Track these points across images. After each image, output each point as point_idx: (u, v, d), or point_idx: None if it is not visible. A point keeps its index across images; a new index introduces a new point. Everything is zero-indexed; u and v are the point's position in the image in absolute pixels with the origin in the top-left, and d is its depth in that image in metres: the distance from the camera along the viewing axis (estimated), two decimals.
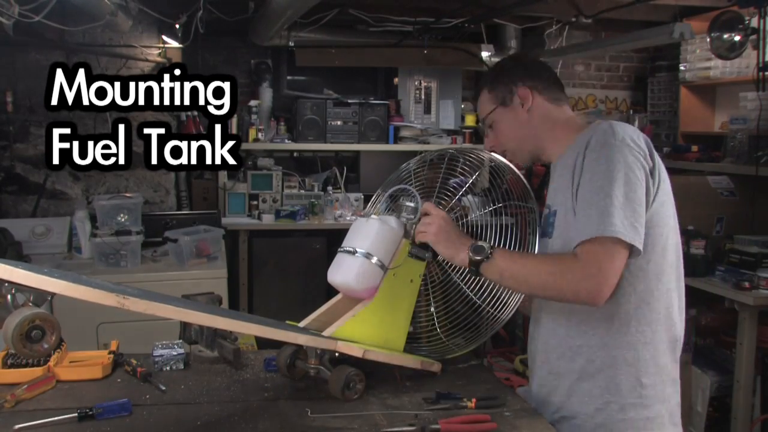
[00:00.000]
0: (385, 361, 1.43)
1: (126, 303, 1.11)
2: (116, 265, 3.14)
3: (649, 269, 1.35)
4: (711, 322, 3.30)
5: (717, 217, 3.28)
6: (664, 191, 1.37)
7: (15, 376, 1.42)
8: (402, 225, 1.47)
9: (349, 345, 1.37)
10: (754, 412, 2.92)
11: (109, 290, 1.12)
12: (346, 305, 1.49)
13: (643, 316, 1.36)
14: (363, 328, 1.42)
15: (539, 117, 1.50)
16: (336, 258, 1.48)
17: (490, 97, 1.53)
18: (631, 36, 3.63)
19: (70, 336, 1.66)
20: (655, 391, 1.38)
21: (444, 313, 1.55)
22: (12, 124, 3.70)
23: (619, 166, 1.28)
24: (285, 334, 1.33)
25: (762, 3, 2.96)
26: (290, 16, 3.17)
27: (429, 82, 4.74)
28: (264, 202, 4.32)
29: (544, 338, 1.46)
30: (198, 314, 1.24)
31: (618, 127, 1.34)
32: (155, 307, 1.15)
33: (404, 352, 1.49)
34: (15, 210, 3.76)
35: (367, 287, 1.43)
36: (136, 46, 3.85)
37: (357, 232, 1.47)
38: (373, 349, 1.40)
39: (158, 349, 1.57)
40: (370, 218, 1.46)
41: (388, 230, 1.44)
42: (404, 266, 1.47)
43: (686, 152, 3.73)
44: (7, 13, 2.12)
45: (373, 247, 1.42)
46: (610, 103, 4.69)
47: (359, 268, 1.42)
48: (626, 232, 1.25)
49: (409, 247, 1.47)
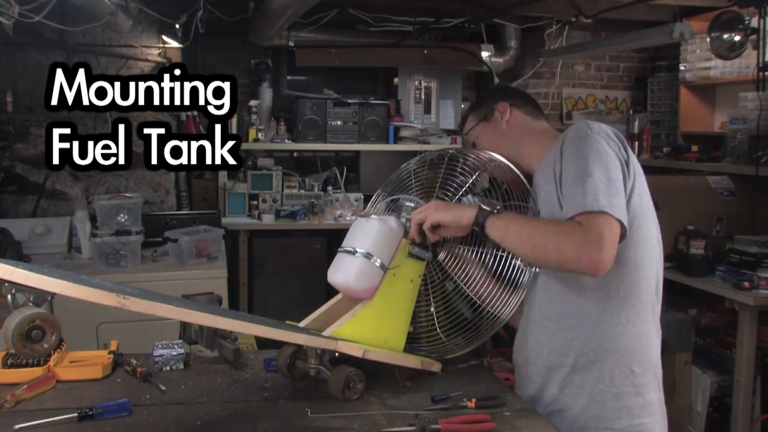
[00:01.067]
0: (385, 361, 1.42)
1: (126, 303, 1.11)
2: (116, 265, 3.14)
3: (637, 260, 1.38)
4: (711, 322, 3.30)
5: (717, 217, 3.28)
6: (641, 184, 1.40)
7: (15, 376, 1.42)
8: (402, 225, 1.48)
9: (349, 345, 1.37)
10: (754, 412, 2.92)
11: (109, 290, 1.12)
12: (346, 305, 1.49)
13: (633, 306, 1.39)
14: (363, 329, 1.42)
15: (517, 127, 1.59)
16: (336, 258, 1.48)
17: (474, 117, 1.66)
18: (631, 36, 3.63)
19: (70, 336, 1.66)
20: (647, 378, 1.41)
21: (444, 313, 1.54)
22: (12, 124, 3.70)
23: (597, 153, 1.33)
24: (285, 334, 1.33)
25: (762, 3, 2.96)
26: (290, 16, 3.17)
27: (429, 82, 4.74)
28: (264, 202, 4.32)
29: (535, 335, 1.47)
30: (198, 314, 1.24)
31: (592, 122, 1.40)
32: (155, 307, 1.14)
33: (404, 352, 1.49)
34: (15, 210, 3.76)
35: (367, 287, 1.43)
36: (136, 46, 3.85)
37: (357, 232, 1.47)
38: (373, 349, 1.40)
39: (158, 349, 1.57)
40: (370, 218, 1.46)
41: (388, 230, 1.44)
42: (404, 266, 1.47)
43: (686, 152, 3.73)
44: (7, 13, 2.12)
45: (374, 248, 1.42)
46: (610, 103, 4.69)
47: (359, 268, 1.42)
48: (613, 209, 1.28)
49: (409, 247, 1.47)
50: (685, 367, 3.14)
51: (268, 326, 1.31)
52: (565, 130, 1.47)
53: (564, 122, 4.58)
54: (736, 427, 2.86)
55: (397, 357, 1.45)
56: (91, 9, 2.81)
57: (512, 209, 1.48)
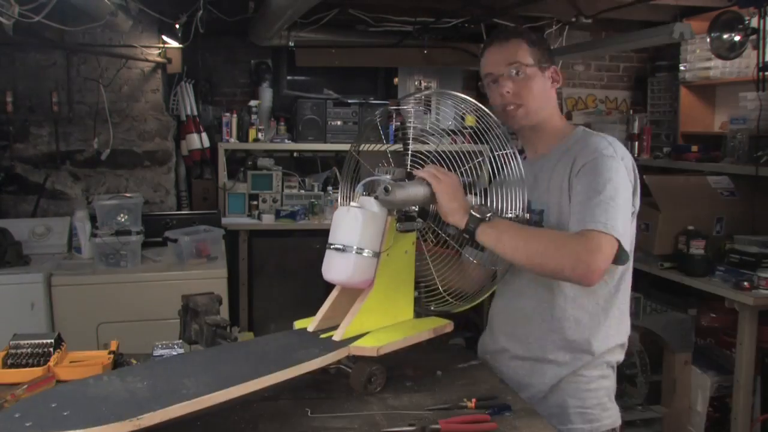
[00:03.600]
0: (401, 347, 1.41)
1: (142, 423, 1.05)
2: (116, 265, 3.14)
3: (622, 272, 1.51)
4: (711, 322, 3.30)
5: (717, 217, 3.28)
6: (636, 207, 1.47)
7: (15, 376, 1.42)
8: (382, 204, 1.41)
9: (361, 348, 1.36)
10: (754, 412, 2.92)
11: (120, 419, 1.04)
12: (348, 295, 1.47)
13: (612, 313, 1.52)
14: (371, 317, 1.42)
15: (554, 101, 1.58)
16: (327, 255, 1.42)
17: (531, 51, 1.53)
18: (631, 36, 3.63)
19: (70, 336, 1.67)
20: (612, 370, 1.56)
21: (445, 264, 1.53)
22: (12, 124, 3.70)
23: (617, 176, 1.39)
24: (302, 368, 1.29)
25: (762, 3, 2.96)
26: (290, 16, 3.17)
27: (429, 82, 4.74)
28: (264, 202, 4.32)
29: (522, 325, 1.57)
30: (213, 396, 1.16)
31: (616, 143, 1.46)
32: (170, 412, 1.09)
33: (414, 320, 1.51)
34: (15, 210, 3.76)
35: (365, 279, 1.41)
36: (136, 46, 3.85)
37: (341, 225, 1.41)
38: (386, 341, 1.38)
39: (158, 349, 1.57)
40: (351, 208, 1.40)
41: (372, 216, 1.39)
42: (396, 243, 1.44)
43: (686, 152, 3.73)
44: (7, 13, 2.12)
45: (362, 240, 1.38)
46: (610, 103, 4.69)
47: (354, 264, 1.38)
48: (617, 232, 1.34)
49: (396, 224, 1.44)
50: (685, 367, 3.14)
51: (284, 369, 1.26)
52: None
53: None
54: (736, 427, 2.86)
55: (409, 338, 1.43)
56: (91, 9, 2.81)
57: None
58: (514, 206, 1.45)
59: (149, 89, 3.94)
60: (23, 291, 2.93)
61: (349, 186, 1.61)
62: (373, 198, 1.40)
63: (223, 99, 4.66)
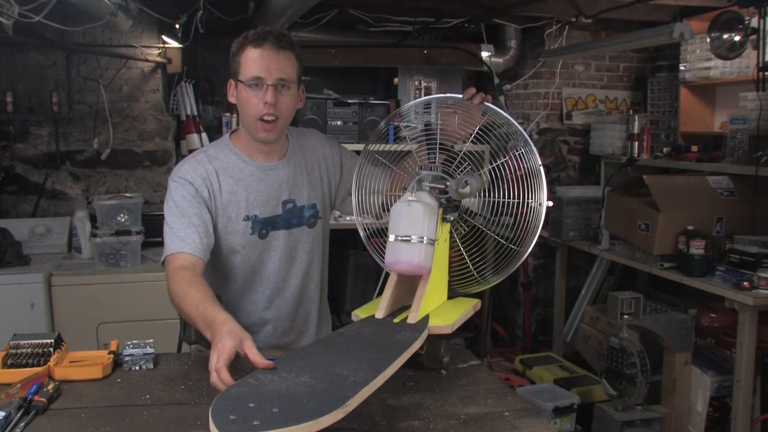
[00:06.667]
0: (463, 322, 1.52)
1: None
2: (116, 265, 3.14)
3: None
4: (711, 322, 3.30)
5: (717, 217, 3.28)
6: None
7: (15, 375, 1.42)
8: (457, 197, 1.53)
9: (438, 326, 1.44)
10: (754, 412, 2.92)
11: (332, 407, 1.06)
12: (406, 283, 1.53)
13: None
14: (430, 301, 1.51)
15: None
16: (391, 247, 1.49)
17: (297, 66, 1.63)
18: (631, 36, 3.62)
19: (70, 336, 1.66)
20: None
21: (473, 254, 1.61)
22: (12, 124, 3.71)
23: None
24: (411, 349, 1.33)
25: (762, 3, 2.96)
26: (290, 16, 3.17)
27: (429, 82, 4.74)
28: None
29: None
30: (377, 380, 1.17)
31: None
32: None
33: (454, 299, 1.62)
34: (15, 210, 3.76)
35: (429, 266, 1.49)
36: (136, 46, 3.85)
37: (403, 218, 1.49)
38: (454, 320, 1.47)
39: (128, 349, 1.57)
40: (411, 203, 1.49)
41: (430, 209, 1.49)
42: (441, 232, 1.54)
43: (686, 152, 3.72)
44: (7, 13, 2.12)
45: (426, 230, 1.47)
46: (610, 103, 4.68)
47: (423, 253, 1.46)
48: None
49: (442, 214, 1.54)
50: (685, 367, 3.14)
51: (403, 352, 1.29)
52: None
53: (564, 122, 4.58)
54: (736, 427, 2.86)
55: (465, 314, 1.54)
56: (91, 9, 2.81)
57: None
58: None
59: (149, 89, 3.94)
60: (23, 291, 2.94)
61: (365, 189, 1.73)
62: (424, 192, 1.51)
63: (223, 99, 4.65)
